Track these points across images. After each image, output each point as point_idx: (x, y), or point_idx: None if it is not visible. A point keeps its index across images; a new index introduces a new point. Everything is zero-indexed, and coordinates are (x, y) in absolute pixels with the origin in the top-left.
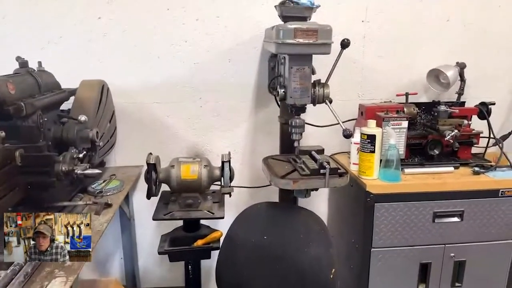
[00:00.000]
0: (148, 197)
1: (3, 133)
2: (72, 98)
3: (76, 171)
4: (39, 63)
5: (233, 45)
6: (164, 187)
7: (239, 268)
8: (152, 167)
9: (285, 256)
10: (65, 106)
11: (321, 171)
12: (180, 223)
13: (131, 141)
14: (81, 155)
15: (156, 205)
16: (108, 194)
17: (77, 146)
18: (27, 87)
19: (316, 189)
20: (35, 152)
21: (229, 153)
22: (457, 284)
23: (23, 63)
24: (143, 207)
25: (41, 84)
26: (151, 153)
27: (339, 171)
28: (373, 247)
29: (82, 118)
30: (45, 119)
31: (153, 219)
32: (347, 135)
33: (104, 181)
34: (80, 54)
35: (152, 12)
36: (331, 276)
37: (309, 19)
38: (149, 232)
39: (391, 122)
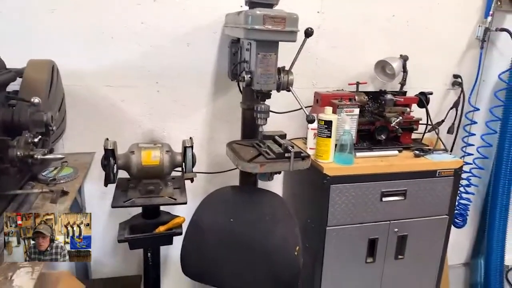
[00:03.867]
0: (106, 184)
1: None
2: (19, 80)
3: (35, 155)
4: None
5: (192, 29)
6: (120, 175)
7: (207, 252)
8: (110, 153)
9: (253, 239)
10: (11, 87)
11: (286, 154)
12: (137, 211)
13: (81, 126)
14: (36, 140)
15: (114, 193)
16: (62, 182)
17: (30, 130)
18: None
19: (279, 172)
20: None
21: (191, 138)
22: (399, 257)
23: None
24: (94, 196)
25: None
26: (107, 139)
27: (302, 154)
28: (328, 225)
29: (36, 100)
30: None
31: (113, 207)
32: (311, 120)
33: (55, 168)
34: (25, 31)
35: None
36: (296, 254)
37: (276, 6)
38: (100, 222)
39: (345, 109)
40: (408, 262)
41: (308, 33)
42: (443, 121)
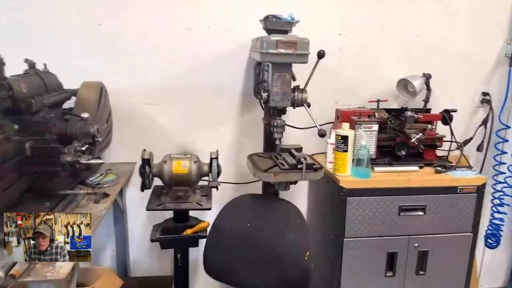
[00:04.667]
0: (142, 189)
1: (16, 126)
2: (73, 98)
3: (81, 161)
4: (45, 65)
5: (222, 52)
6: (156, 182)
7: (225, 253)
8: (146, 162)
9: (266, 242)
10: (66, 105)
11: (299, 166)
12: (170, 215)
13: (124, 139)
14: (83, 148)
15: (149, 198)
16: (105, 186)
17: (79, 141)
18: (35, 86)
19: (295, 183)
20: (43, 144)
21: (217, 151)
22: (421, 272)
23: (31, 64)
24: (135, 201)
25: (47, 84)
26: (145, 150)
27: (314, 166)
28: (345, 237)
29: (85, 115)
30: (52, 115)
31: (147, 209)
32: (322, 134)
33: (101, 175)
34: (80, 57)
35: (147, 21)
36: (306, 258)
37: (290, 32)
38: (139, 225)
39: (363, 125)
40: (430, 278)
41: (320, 55)
42: (471, 138)
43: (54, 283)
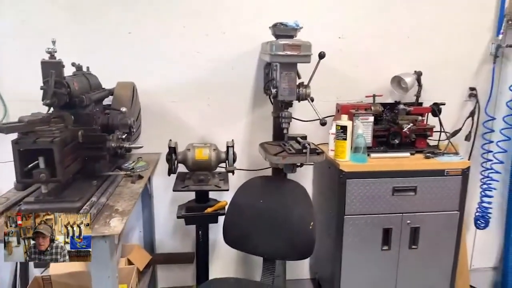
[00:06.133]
0: (169, 173)
1: (72, 117)
2: (110, 96)
3: (124, 145)
4: (87, 68)
5: (236, 55)
6: (180, 169)
7: (242, 224)
8: (172, 150)
9: (277, 215)
10: (104, 102)
11: (304, 150)
12: (192, 197)
13: (151, 132)
14: (123, 137)
15: (174, 182)
16: (138, 171)
17: (119, 131)
18: (83, 85)
19: (301, 165)
20: (91, 132)
21: (233, 140)
22: (413, 246)
23: (78, 67)
24: (160, 187)
25: (91, 83)
26: (171, 139)
27: (317, 150)
28: (345, 214)
29: (124, 109)
30: (97, 109)
31: (174, 190)
32: (323, 123)
33: (133, 162)
34: (113, 61)
35: (170, 29)
36: (310, 227)
37: (295, 37)
38: (164, 208)
39: (360, 117)
40: (422, 252)
41: (321, 55)
42: (460, 129)
43: (108, 238)
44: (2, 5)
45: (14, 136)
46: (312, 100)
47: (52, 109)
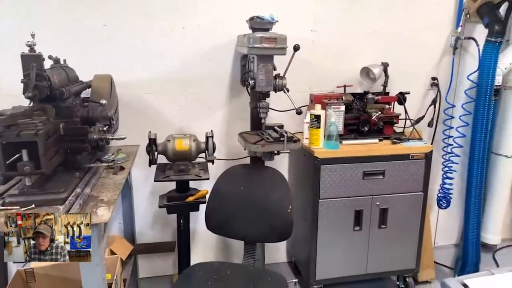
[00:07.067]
0: (150, 164)
1: (54, 110)
2: (87, 89)
3: (107, 137)
4: (64, 60)
5: (212, 48)
6: (159, 160)
7: (223, 210)
8: (152, 141)
9: (256, 200)
10: (82, 95)
11: (281, 138)
12: (172, 187)
13: (129, 125)
14: (105, 129)
15: (155, 172)
16: (119, 162)
17: (100, 123)
18: (62, 78)
19: (278, 153)
20: (72, 125)
21: (212, 131)
22: (382, 226)
23: (56, 60)
24: (139, 180)
25: (70, 76)
26: (150, 131)
27: (293, 138)
28: (320, 198)
29: (104, 101)
30: (77, 101)
31: (155, 181)
32: (299, 112)
33: (113, 154)
34: (89, 53)
35: (146, 21)
36: (288, 211)
37: (271, 30)
38: (143, 200)
39: (332, 106)
40: (390, 231)
41: (296, 48)
42: (423, 116)
43: (96, 226)
44: None
45: None
46: (288, 91)
47: (33, 102)
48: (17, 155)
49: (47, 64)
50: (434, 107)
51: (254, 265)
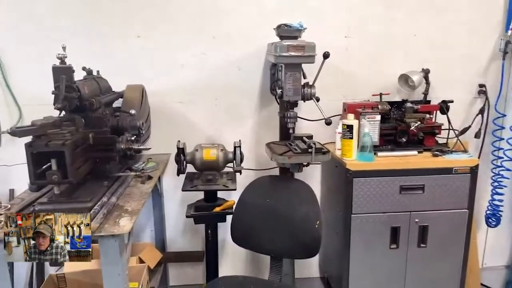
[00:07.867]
0: (178, 174)
1: (83, 120)
2: (120, 99)
3: (133, 147)
4: (98, 71)
5: (241, 56)
6: (188, 169)
7: (249, 223)
8: (181, 151)
9: (283, 213)
10: (114, 104)
11: (309, 150)
12: (201, 196)
13: (160, 133)
14: (132, 138)
15: (183, 182)
16: (148, 171)
17: (129, 133)
18: (94, 89)
19: (307, 165)
20: (102, 135)
21: (240, 141)
22: (422, 245)
23: (89, 71)
24: (170, 187)
25: (101, 87)
26: (179, 140)
27: (322, 150)
28: (352, 213)
29: (133, 111)
30: (106, 112)
31: (182, 190)
32: (328, 122)
33: (143, 162)
34: (123, 64)
35: (177, 31)
36: (316, 226)
37: (300, 37)
38: (174, 207)
39: (366, 115)
40: (431, 250)
41: (325, 55)
42: (469, 127)
43: (118, 237)
44: (16, 13)
45: (27, 139)
46: (318, 100)
47: (63, 112)
48: (47, 164)
49: (81, 75)
50: (482, 116)
51: (280, 281)
